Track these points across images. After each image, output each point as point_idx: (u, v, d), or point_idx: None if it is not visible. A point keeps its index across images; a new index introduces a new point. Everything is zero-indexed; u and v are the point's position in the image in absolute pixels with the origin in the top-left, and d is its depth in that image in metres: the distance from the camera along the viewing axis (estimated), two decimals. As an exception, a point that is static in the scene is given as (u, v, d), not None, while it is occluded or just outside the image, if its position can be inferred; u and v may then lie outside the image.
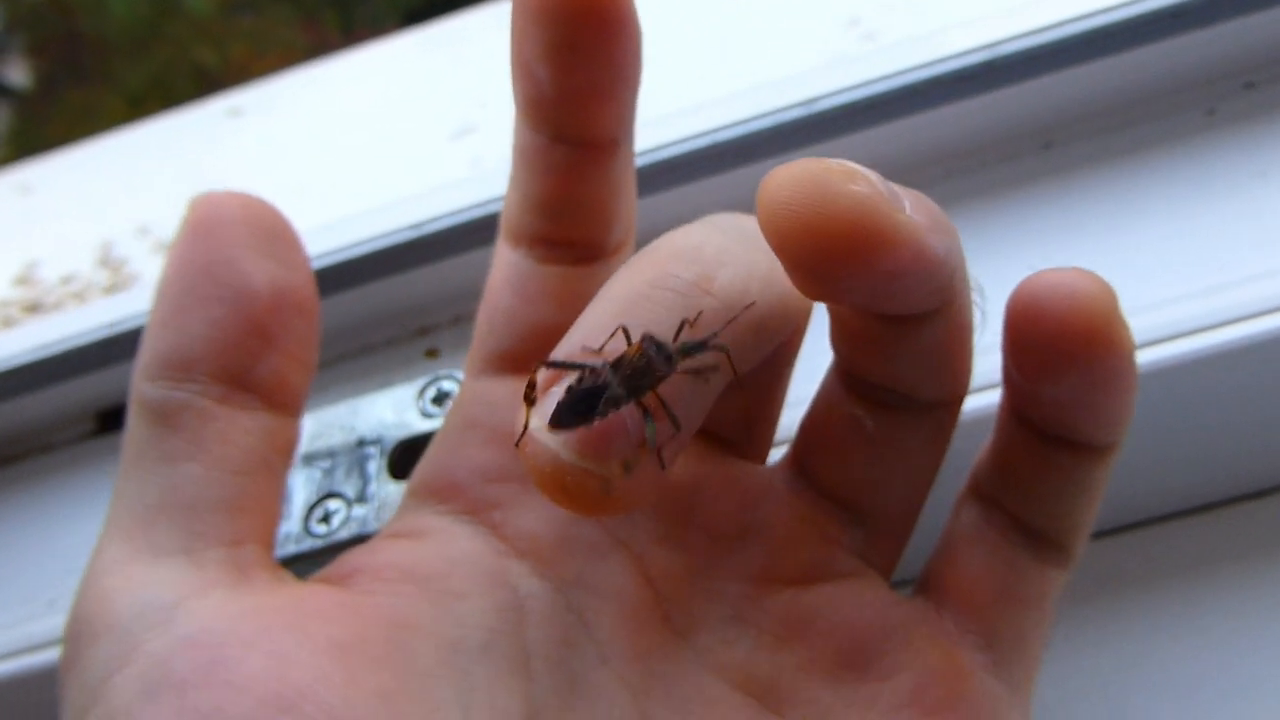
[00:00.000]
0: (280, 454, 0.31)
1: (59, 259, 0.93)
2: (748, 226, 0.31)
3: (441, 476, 0.33)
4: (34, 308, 0.87)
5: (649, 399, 0.27)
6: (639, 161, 0.45)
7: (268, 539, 0.31)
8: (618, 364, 0.27)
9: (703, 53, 0.90)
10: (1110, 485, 0.30)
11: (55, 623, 0.44)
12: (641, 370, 0.26)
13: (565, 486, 0.26)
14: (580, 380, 0.27)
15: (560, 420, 0.26)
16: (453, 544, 0.31)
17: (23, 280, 0.92)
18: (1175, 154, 0.46)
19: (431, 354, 0.50)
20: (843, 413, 0.31)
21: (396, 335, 0.52)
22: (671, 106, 0.51)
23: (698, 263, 0.28)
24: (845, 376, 0.31)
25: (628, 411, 0.26)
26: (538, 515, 0.32)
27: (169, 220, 0.99)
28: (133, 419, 0.30)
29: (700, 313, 0.27)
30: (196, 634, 0.26)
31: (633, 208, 0.36)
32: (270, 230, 0.31)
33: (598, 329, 0.27)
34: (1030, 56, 0.46)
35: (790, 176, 0.23)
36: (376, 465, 0.42)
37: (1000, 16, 0.47)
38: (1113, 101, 0.48)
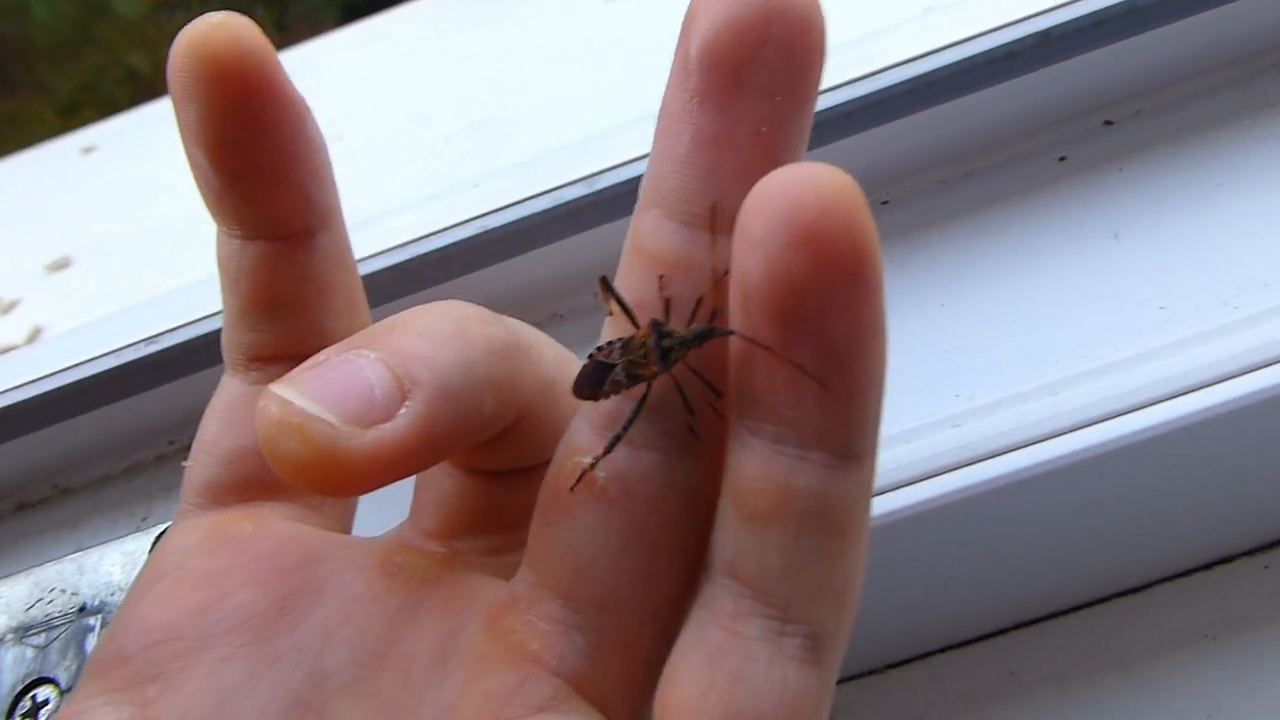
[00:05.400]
0: None
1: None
2: None
3: (110, 645, 0.29)
4: None
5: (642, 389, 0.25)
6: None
7: None
8: (626, 345, 0.26)
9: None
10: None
11: None
12: (640, 360, 0.25)
13: (291, 432, 0.23)
14: (599, 350, 0.26)
15: (579, 387, 0.26)
16: None
17: None
18: (1021, 212, 0.40)
19: (195, 477, 0.43)
20: (573, 464, 0.26)
21: (163, 454, 0.45)
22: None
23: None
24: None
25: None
26: (200, 684, 0.27)
27: (12, 272, 0.92)
28: None
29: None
30: None
31: (355, 307, 0.32)
32: None
33: None
34: (853, 110, 0.39)
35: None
36: (96, 641, 0.36)
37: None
38: (953, 150, 0.42)
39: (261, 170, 0.29)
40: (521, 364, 0.27)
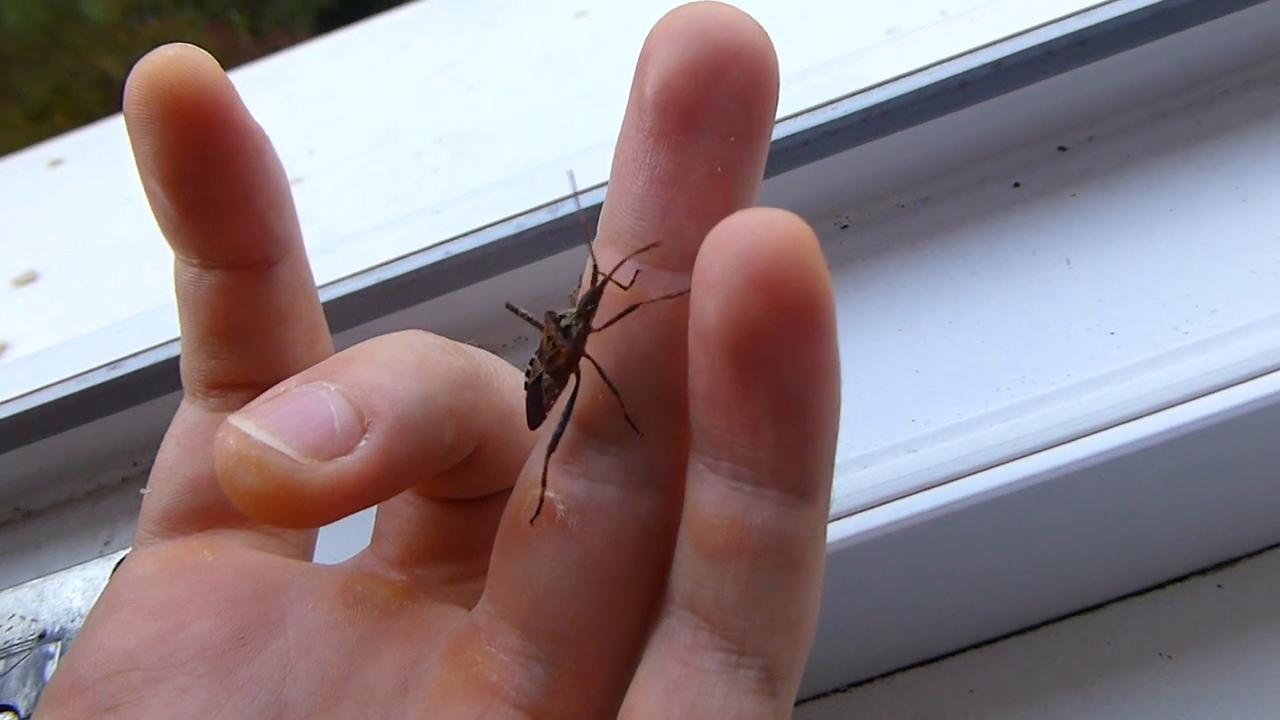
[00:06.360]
0: None
1: None
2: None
3: (67, 675, 0.29)
4: None
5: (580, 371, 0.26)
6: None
7: None
8: (541, 352, 0.26)
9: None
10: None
11: None
12: (553, 353, 0.25)
13: (248, 465, 0.23)
14: (528, 374, 0.27)
15: (530, 421, 0.27)
16: None
17: None
18: (977, 238, 0.41)
19: (159, 501, 0.43)
20: (533, 496, 0.26)
21: (127, 476, 0.45)
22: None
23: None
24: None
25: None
26: (158, 715, 0.27)
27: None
28: None
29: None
30: None
31: (315, 334, 0.32)
32: None
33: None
34: (812, 137, 0.40)
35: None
36: (54, 669, 0.36)
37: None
38: (911, 175, 0.42)
39: (218, 202, 0.29)
40: (482, 394, 0.28)
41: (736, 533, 0.23)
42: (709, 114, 0.24)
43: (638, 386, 0.26)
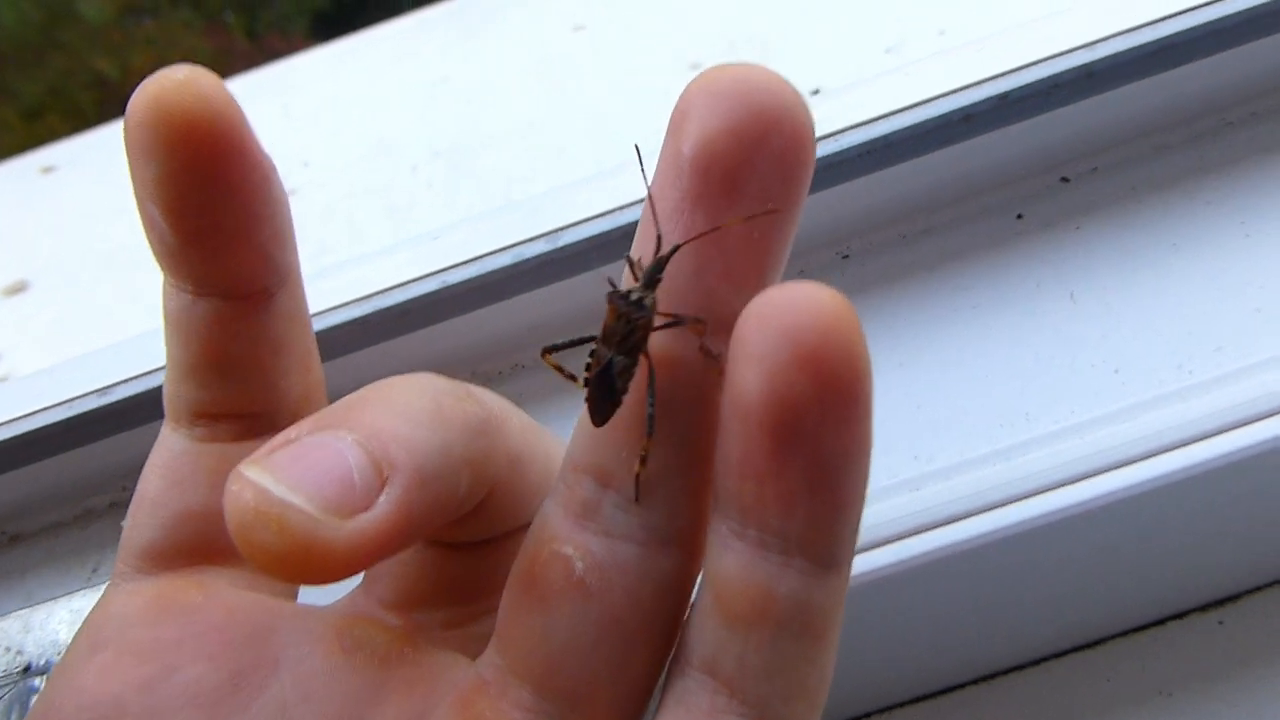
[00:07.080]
0: None
1: None
2: None
3: (45, 719, 0.28)
4: None
5: (651, 350, 0.25)
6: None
7: None
8: (606, 337, 0.26)
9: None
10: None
11: None
12: (626, 330, 0.25)
13: (268, 522, 0.22)
14: (589, 369, 0.26)
15: (598, 417, 0.25)
16: None
17: None
18: (979, 270, 0.40)
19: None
20: (550, 551, 0.26)
21: (116, 501, 0.44)
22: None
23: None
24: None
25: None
26: None
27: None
28: None
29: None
30: None
31: (308, 364, 0.31)
32: None
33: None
34: (819, 168, 0.39)
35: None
36: (31, 708, 0.35)
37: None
38: (913, 206, 0.42)
39: (222, 231, 0.28)
40: (495, 440, 0.27)
41: (761, 601, 0.23)
42: (749, 179, 0.23)
43: (662, 443, 0.25)
